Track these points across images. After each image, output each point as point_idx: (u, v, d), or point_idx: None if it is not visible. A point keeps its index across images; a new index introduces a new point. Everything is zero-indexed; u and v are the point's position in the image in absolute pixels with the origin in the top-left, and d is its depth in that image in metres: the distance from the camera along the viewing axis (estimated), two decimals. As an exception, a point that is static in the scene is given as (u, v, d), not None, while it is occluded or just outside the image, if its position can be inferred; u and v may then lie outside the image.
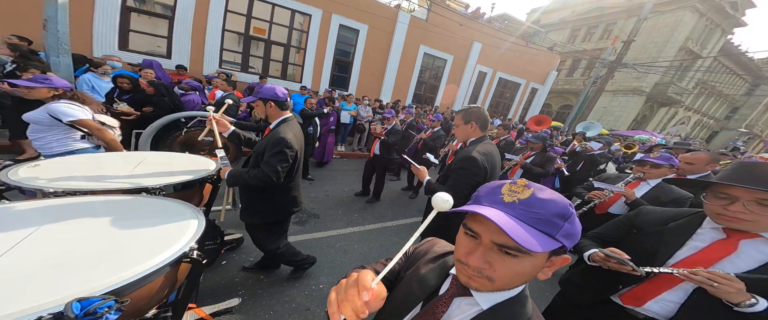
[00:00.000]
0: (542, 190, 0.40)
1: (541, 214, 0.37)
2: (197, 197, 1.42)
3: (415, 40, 8.15)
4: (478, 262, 0.40)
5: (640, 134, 8.99)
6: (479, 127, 1.30)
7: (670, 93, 14.76)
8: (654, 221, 0.95)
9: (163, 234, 0.90)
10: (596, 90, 9.33)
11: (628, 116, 15.07)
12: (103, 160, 1.53)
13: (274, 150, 1.30)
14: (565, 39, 18.49)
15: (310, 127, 3.56)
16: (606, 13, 16.31)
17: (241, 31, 6.08)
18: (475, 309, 0.45)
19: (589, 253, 0.99)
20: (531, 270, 0.40)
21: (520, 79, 10.67)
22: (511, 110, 11.32)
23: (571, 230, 0.38)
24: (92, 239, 0.83)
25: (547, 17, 20.66)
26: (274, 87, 1.41)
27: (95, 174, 1.29)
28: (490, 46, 9.30)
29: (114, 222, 0.93)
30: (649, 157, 1.62)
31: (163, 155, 1.73)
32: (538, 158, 2.90)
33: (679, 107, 16.66)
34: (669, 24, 13.62)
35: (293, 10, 6.38)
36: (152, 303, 0.80)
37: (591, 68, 16.55)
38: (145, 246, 0.83)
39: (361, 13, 7.06)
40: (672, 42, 13.61)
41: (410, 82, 8.75)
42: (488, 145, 1.30)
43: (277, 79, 6.79)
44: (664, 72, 13.60)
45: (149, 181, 1.24)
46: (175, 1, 5.18)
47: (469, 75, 9.55)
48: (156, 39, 5.39)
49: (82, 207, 1.00)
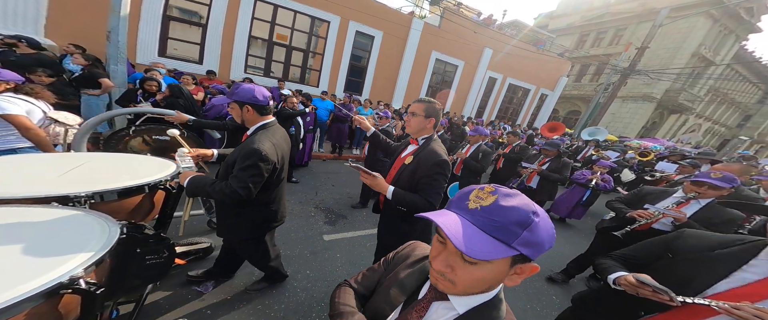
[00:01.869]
0: (509, 197, 0.39)
1: (499, 222, 0.37)
2: (146, 207, 1.22)
3: (428, 46, 8.35)
4: (440, 266, 0.41)
5: (651, 142, 9.01)
6: (434, 125, 1.24)
7: (681, 100, 14.63)
8: (697, 247, 0.85)
9: (42, 258, 0.71)
10: (608, 96, 9.36)
11: (638, 123, 15.00)
12: (35, 161, 1.28)
13: (245, 162, 1.10)
14: (573, 44, 18.44)
15: (292, 128, 3.34)
16: (616, 18, 16.22)
17: (266, 37, 6.38)
18: (452, 313, 0.45)
19: (615, 277, 0.91)
20: (492, 277, 0.40)
21: (529, 84, 10.79)
22: (520, 116, 11.44)
23: (531, 239, 0.37)
24: None
25: (554, 22, 20.58)
26: (253, 87, 1.21)
27: (6, 180, 1.06)
28: (500, 52, 9.45)
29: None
30: (710, 177, 1.45)
31: (116, 157, 1.49)
32: (554, 164, 2.98)
33: (690, 114, 16.49)
34: (682, 30, 13.49)
35: (313, 17, 6.65)
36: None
37: (600, 74, 16.51)
38: (3, 276, 0.63)
39: (377, 19, 7.30)
40: (684, 48, 13.53)
41: (421, 87, 8.95)
42: (441, 144, 1.26)
43: (295, 82, 7.07)
44: (676, 78, 13.50)
45: (74, 189, 1.03)
46: (208, 9, 5.51)
47: (479, 80, 9.71)
48: (190, 45, 5.74)
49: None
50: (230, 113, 1.31)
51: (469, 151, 2.89)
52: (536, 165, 3.03)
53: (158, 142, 2.19)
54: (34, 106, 1.60)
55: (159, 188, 1.24)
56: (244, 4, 5.73)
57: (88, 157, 1.41)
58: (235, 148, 1.24)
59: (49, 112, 1.67)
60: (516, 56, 9.66)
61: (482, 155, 2.78)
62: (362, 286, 0.64)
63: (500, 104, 10.76)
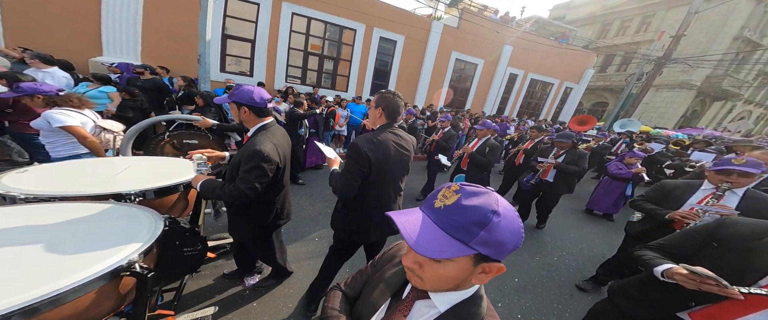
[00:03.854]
0: (472, 196, 0.39)
1: (459, 222, 0.38)
2: (181, 204, 1.34)
3: (447, 46, 8.62)
4: (408, 262, 0.43)
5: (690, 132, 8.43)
6: (386, 115, 1.23)
7: (725, 86, 13.49)
8: (744, 235, 0.82)
9: (105, 245, 0.84)
10: (641, 87, 8.93)
11: (675, 112, 14.01)
12: (90, 165, 1.49)
13: (249, 164, 1.15)
14: (595, 34, 17.75)
15: (301, 129, 3.36)
16: (643, 4, 15.46)
17: (301, 48, 7.05)
18: (433, 311, 0.47)
19: (662, 269, 0.88)
20: (456, 275, 0.41)
21: (553, 78, 10.62)
22: (543, 110, 11.23)
23: (489, 238, 0.37)
24: (29, 250, 0.78)
25: (572, 12, 19.93)
26: (251, 89, 1.25)
27: (74, 180, 1.26)
28: (521, 49, 9.47)
29: (61, 233, 0.88)
30: (735, 164, 1.38)
31: (156, 160, 1.67)
32: (570, 156, 2.78)
33: (736, 101, 15.10)
34: (721, 12, 12.53)
35: (341, 26, 7.22)
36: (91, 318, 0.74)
37: (627, 63, 15.69)
38: (78, 260, 0.76)
39: (399, 25, 7.72)
40: (725, 32, 12.59)
41: (442, 87, 9.19)
42: (387, 134, 1.23)
43: (327, 89, 7.63)
44: (718, 64, 12.53)
45: (124, 187, 1.20)
46: (255, 25, 6.27)
47: (499, 77, 9.76)
48: (242, 60, 6.54)
49: (40, 214, 0.97)
50: (231, 113, 1.36)
51: (476, 146, 2.83)
52: (552, 158, 2.86)
53: (187, 147, 2.46)
54: (86, 117, 1.78)
55: (192, 187, 1.33)
56: (283, 18, 6.43)
57: (133, 161, 1.61)
58: (239, 150, 1.28)
59: (97, 121, 1.86)
60: (537, 51, 9.62)
61: (489, 149, 2.71)
62: (351, 289, 0.68)
63: (522, 99, 10.67)
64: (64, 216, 0.97)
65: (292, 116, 3.23)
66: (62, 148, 1.71)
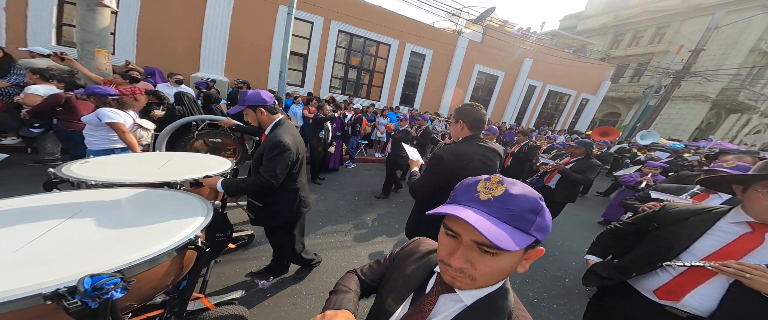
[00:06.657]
0: (514, 185, 0.40)
1: (515, 211, 0.38)
2: (212, 194, 1.48)
3: (471, 60, 9.23)
4: (459, 263, 0.40)
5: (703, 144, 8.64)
6: (468, 127, 1.25)
7: (741, 98, 13.63)
8: (676, 216, 0.97)
9: (174, 222, 0.96)
10: (660, 99, 9.14)
11: (690, 124, 14.16)
12: (138, 159, 1.71)
13: (272, 153, 1.29)
14: (606, 45, 18.01)
15: (321, 132, 3.61)
16: (656, 15, 15.54)
17: (343, 61, 7.82)
18: (459, 305, 0.46)
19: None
20: (510, 266, 0.41)
21: (570, 90, 11.09)
22: (560, 121, 11.68)
23: (543, 224, 0.39)
24: (115, 224, 0.90)
25: (583, 23, 20.03)
26: (258, 92, 1.37)
27: (130, 170, 1.45)
28: (540, 61, 10.00)
29: (137, 210, 1.03)
30: (723, 166, 1.53)
31: (187, 155, 1.91)
32: (580, 165, 2.71)
33: (753, 113, 15.14)
34: (737, 25, 12.67)
35: (378, 41, 7.94)
36: (159, 287, 0.85)
37: (640, 75, 15.93)
38: (156, 232, 0.88)
39: (429, 40, 8.40)
40: (741, 44, 12.76)
41: (465, 98, 9.79)
42: (471, 145, 1.24)
43: (363, 98, 8.34)
44: (734, 77, 12.72)
45: (172, 177, 1.36)
46: (309, 42, 7.13)
47: (519, 89, 10.30)
48: (296, 73, 7.42)
49: (115, 196, 1.11)
50: (247, 119, 1.44)
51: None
52: (558, 162, 2.84)
53: (213, 144, 2.75)
54: (128, 116, 2.07)
55: (212, 188, 1.44)
56: (331, 35, 7.23)
57: (170, 156, 1.81)
58: (259, 146, 1.42)
59: (136, 120, 2.19)
60: (555, 64, 10.13)
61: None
62: (367, 276, 0.69)
63: (540, 109, 11.15)
64: (136, 199, 1.13)
65: (315, 119, 3.66)
66: (100, 142, 1.98)
